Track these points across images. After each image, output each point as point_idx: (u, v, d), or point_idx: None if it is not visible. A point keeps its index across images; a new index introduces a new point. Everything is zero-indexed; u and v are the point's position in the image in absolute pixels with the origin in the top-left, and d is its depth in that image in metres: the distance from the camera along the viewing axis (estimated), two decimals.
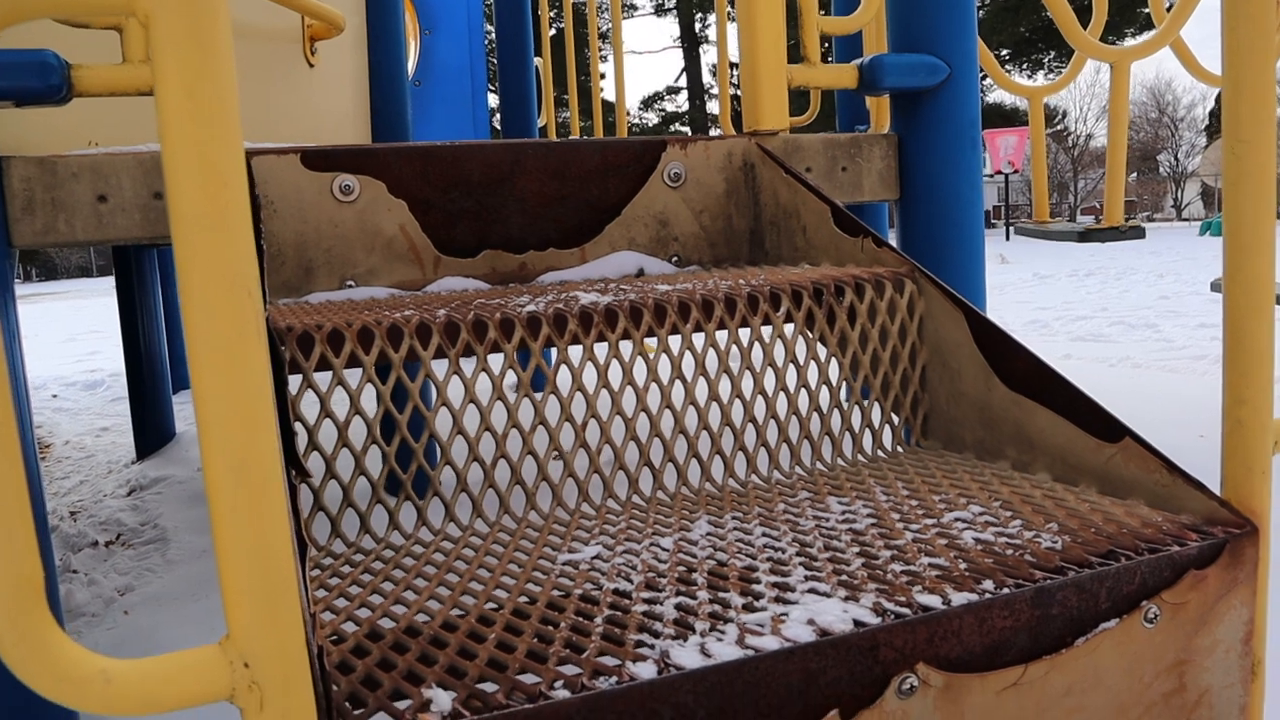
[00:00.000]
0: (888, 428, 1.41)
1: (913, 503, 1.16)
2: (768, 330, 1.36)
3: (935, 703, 0.85)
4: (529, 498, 1.25)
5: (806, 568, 0.97)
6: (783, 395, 1.36)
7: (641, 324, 1.25)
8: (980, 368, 1.30)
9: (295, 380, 1.15)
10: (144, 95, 1.39)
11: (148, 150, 1.49)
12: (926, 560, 0.96)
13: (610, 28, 4.25)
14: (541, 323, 1.21)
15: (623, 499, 1.27)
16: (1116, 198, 2.41)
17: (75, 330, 11.66)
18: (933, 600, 0.87)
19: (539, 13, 4.58)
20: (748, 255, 1.74)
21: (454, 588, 1.00)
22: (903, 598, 0.87)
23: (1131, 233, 2.36)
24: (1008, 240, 21.40)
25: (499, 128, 4.60)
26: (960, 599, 0.87)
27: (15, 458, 0.58)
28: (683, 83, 35.33)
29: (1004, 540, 1.00)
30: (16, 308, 1.44)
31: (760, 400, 1.35)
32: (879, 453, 1.40)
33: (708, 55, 34.41)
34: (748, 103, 1.80)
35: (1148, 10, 2.63)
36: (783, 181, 1.65)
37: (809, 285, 1.34)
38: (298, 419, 1.12)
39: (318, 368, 1.13)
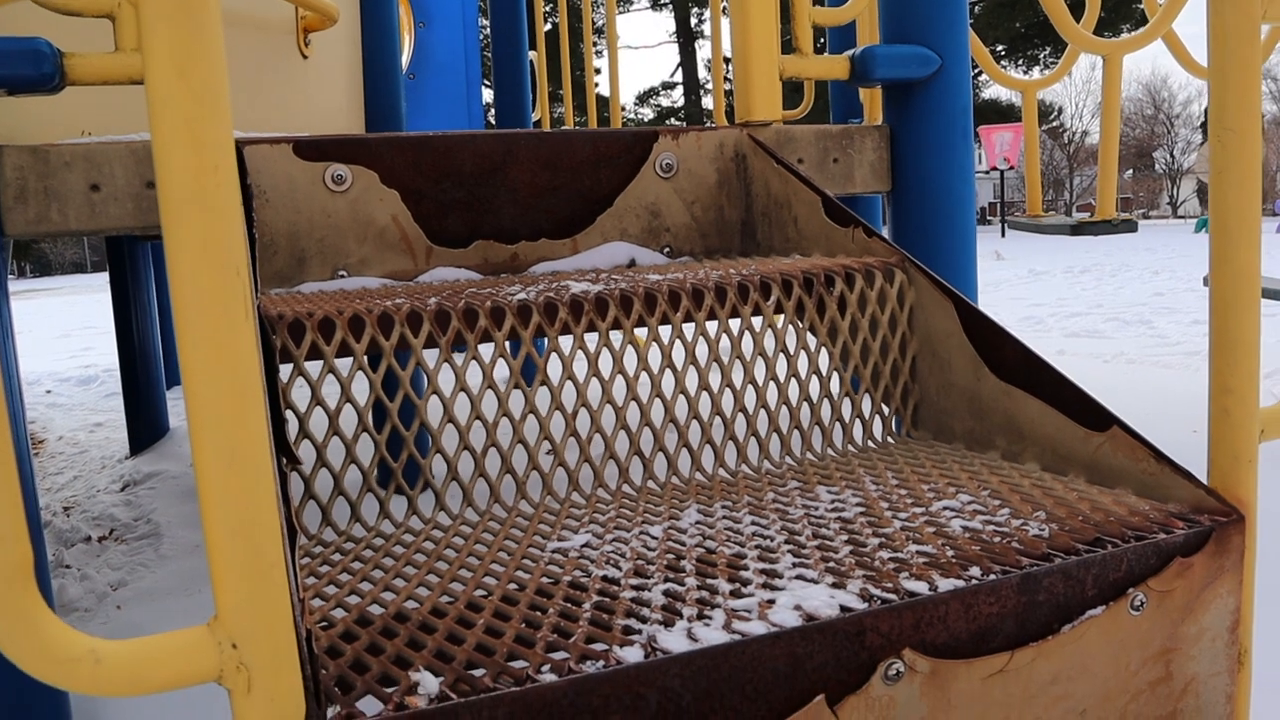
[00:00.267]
0: (878, 418, 1.42)
1: (902, 492, 1.16)
2: (758, 321, 1.37)
3: (921, 688, 0.85)
4: (519, 487, 1.25)
5: (794, 555, 0.98)
6: (773, 385, 1.36)
7: (632, 313, 1.26)
8: (970, 358, 1.30)
9: (286, 369, 1.15)
10: (136, 84, 1.39)
11: (140, 139, 1.49)
12: (914, 548, 0.97)
13: (605, 22, 4.25)
14: (532, 311, 1.21)
15: (613, 488, 1.28)
16: (1109, 191, 2.42)
17: (69, 326, 11.63)
18: (919, 586, 0.87)
19: (533, 7, 4.58)
20: (739, 246, 1.74)
21: (443, 575, 1.00)
22: (889, 584, 0.88)
23: (1124, 226, 2.37)
24: (1003, 237, 21.40)
25: (494, 122, 4.59)
26: (947, 585, 0.87)
27: (6, 444, 0.59)
28: (678, 78, 35.28)
29: (992, 528, 1.01)
30: (10, 302, 1.44)
31: (750, 390, 1.35)
32: (869, 443, 1.40)
33: (704, 50, 34.35)
34: (740, 93, 1.80)
35: (1142, 6, 2.63)
36: (774, 172, 1.65)
37: (799, 275, 1.35)
38: (289, 407, 1.12)
39: (309, 356, 1.13)
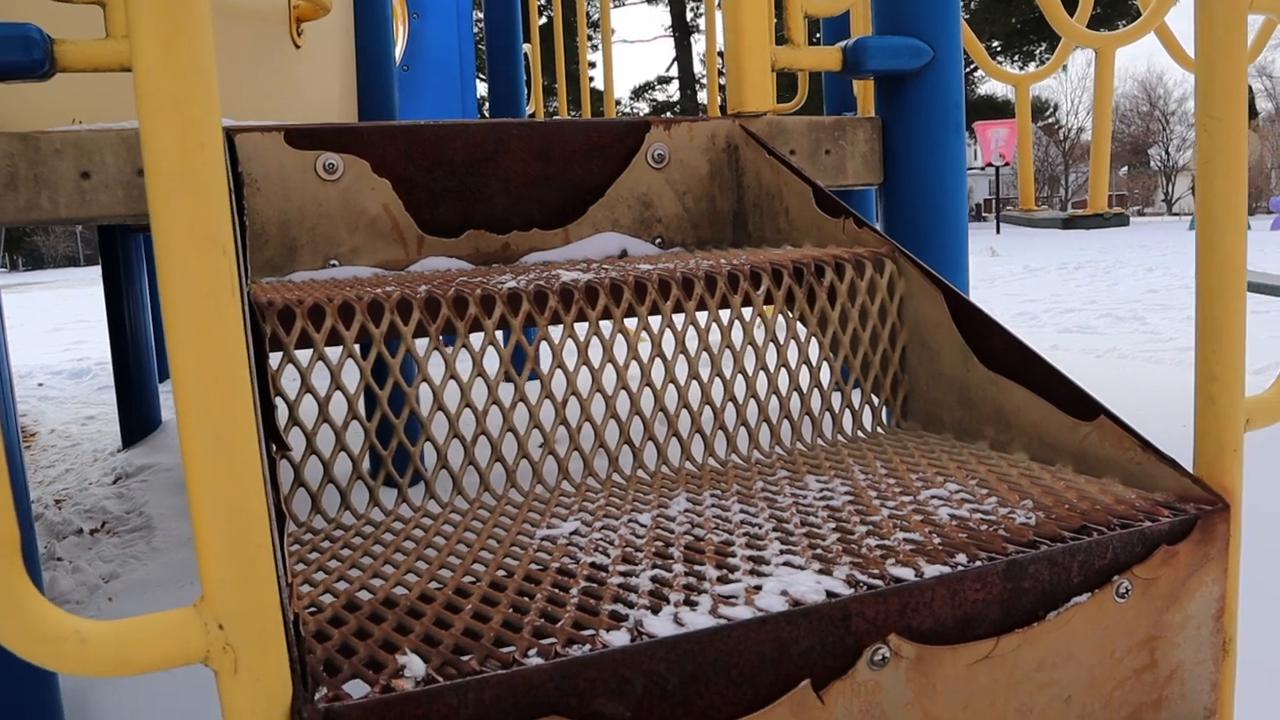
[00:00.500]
0: (867, 408, 1.42)
1: (890, 481, 1.16)
2: (748, 310, 1.37)
3: (907, 674, 0.85)
4: (509, 475, 1.25)
5: (782, 542, 0.98)
6: (763, 375, 1.37)
7: (622, 301, 1.26)
8: (959, 347, 1.30)
9: (276, 357, 1.15)
10: (126, 70, 1.39)
11: (131, 127, 1.49)
12: (901, 535, 0.97)
13: (600, 15, 4.25)
14: (522, 299, 1.21)
15: (602, 477, 1.28)
16: (1101, 184, 2.43)
17: (61, 319, 11.60)
18: (905, 573, 0.87)
19: None
20: (731, 237, 1.74)
21: (432, 562, 1.01)
22: (876, 570, 0.88)
23: (1115, 220, 2.38)
24: (998, 233, 21.42)
25: (488, 115, 4.59)
26: (933, 571, 0.87)
27: None
28: (674, 72, 35.23)
29: (979, 516, 1.01)
30: (2, 295, 1.43)
31: (740, 380, 1.36)
32: (858, 433, 1.41)
33: (699, 45, 34.33)
34: (732, 84, 1.80)
35: (1135, 1, 2.64)
36: (766, 163, 1.65)
37: (789, 265, 1.35)
38: (278, 394, 1.12)
39: (299, 344, 1.13)
